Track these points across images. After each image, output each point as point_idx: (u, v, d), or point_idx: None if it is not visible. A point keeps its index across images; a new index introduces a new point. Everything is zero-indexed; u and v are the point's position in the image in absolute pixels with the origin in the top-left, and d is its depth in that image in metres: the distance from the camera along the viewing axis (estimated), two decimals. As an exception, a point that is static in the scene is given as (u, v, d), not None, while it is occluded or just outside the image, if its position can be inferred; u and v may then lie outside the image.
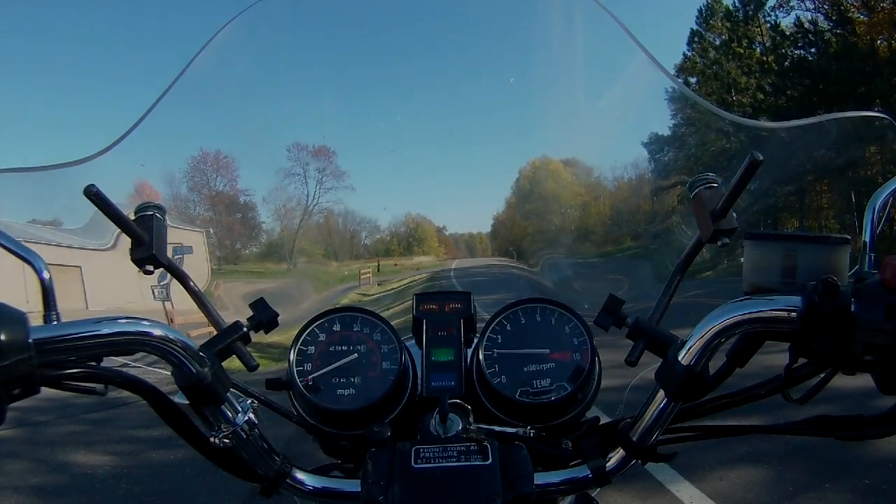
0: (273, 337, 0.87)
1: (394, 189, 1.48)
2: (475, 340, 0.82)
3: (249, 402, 0.70)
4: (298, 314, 0.88)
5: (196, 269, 0.80)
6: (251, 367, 0.73)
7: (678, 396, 0.62)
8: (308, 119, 1.32)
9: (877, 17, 22.80)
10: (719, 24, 27.87)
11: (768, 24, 27.05)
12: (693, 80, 27.67)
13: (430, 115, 1.44)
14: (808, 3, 25.27)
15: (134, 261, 0.70)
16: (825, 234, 0.60)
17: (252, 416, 0.69)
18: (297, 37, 1.20)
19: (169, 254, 0.73)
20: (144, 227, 0.70)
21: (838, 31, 24.64)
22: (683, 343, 0.60)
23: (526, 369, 0.77)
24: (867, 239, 0.64)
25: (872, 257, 0.63)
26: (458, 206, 1.64)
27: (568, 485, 0.70)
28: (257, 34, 1.07)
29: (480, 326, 0.83)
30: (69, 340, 0.53)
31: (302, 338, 0.81)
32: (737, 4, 27.60)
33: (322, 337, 0.82)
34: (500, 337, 0.80)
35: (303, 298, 1.36)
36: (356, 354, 0.80)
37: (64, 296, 0.71)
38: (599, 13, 0.97)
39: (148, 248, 0.69)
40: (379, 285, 1.86)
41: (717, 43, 28.10)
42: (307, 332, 0.82)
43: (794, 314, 0.54)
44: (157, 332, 0.57)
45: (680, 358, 0.60)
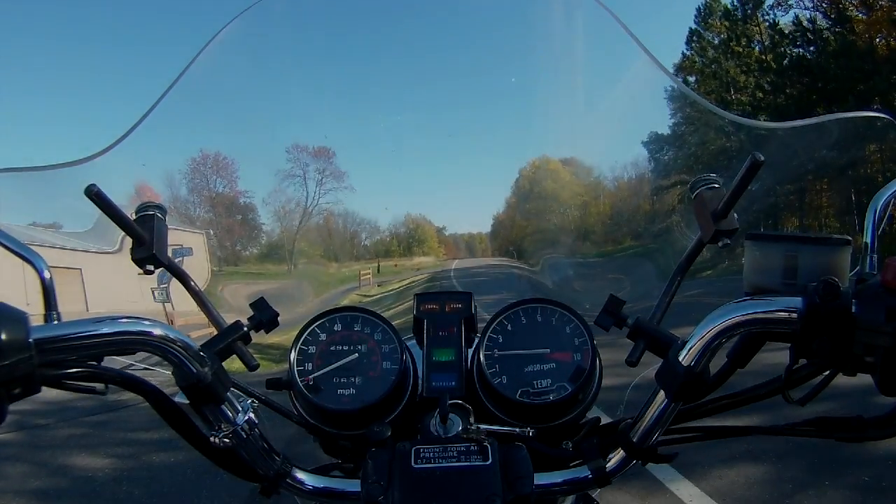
0: (273, 338, 0.87)
1: (394, 190, 1.48)
2: (476, 340, 0.82)
3: (250, 401, 0.71)
4: (298, 316, 0.88)
5: (196, 271, 0.80)
6: (251, 367, 0.73)
7: (678, 397, 0.62)
8: (308, 120, 1.32)
9: (875, 16, 22.82)
10: (718, 23, 27.88)
11: (767, 23, 27.08)
12: (692, 79, 27.68)
13: (430, 116, 1.44)
14: (806, 1, 25.32)
15: (135, 260, 0.70)
16: (826, 235, 0.60)
17: (252, 415, 0.69)
18: (296, 37, 1.20)
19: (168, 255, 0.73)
20: (145, 227, 0.70)
21: (837, 29, 24.65)
22: (684, 343, 0.60)
23: (527, 369, 0.77)
24: (868, 240, 0.64)
25: (874, 258, 0.63)
26: (458, 207, 1.63)
27: (568, 485, 0.70)
28: (256, 35, 1.07)
29: (481, 326, 0.83)
30: (69, 340, 0.53)
31: (303, 337, 0.81)
32: (735, 3, 27.64)
33: (323, 336, 0.82)
34: (500, 337, 0.80)
35: (303, 300, 1.35)
36: (357, 354, 0.80)
37: (64, 298, 0.71)
38: (600, 13, 0.97)
39: (149, 247, 0.69)
40: (379, 286, 1.86)
41: (716, 42, 28.11)
42: (308, 331, 0.82)
43: (795, 315, 0.54)
44: (158, 331, 0.57)
45: (680, 358, 0.60)
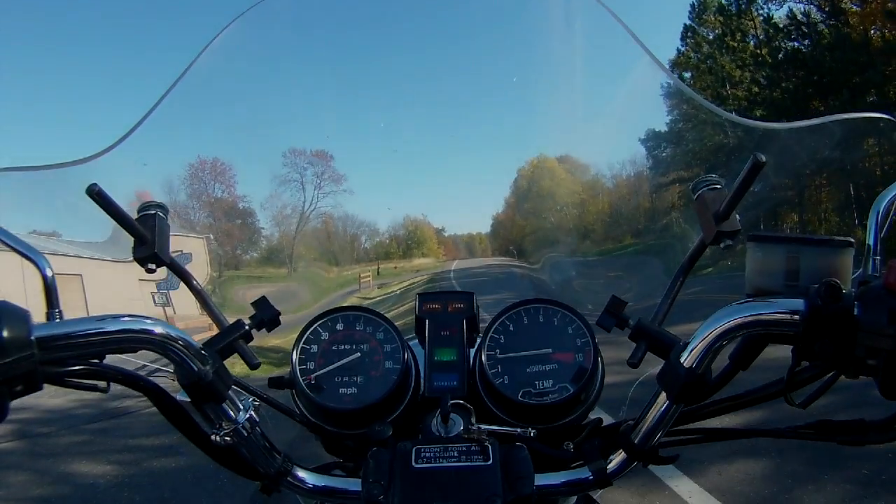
0: (274, 340, 0.86)
1: (392, 191, 1.48)
2: (478, 341, 0.82)
3: (251, 400, 0.71)
4: (298, 319, 0.88)
5: (197, 275, 0.80)
6: (253, 366, 0.73)
7: (680, 399, 0.62)
8: (307, 122, 1.32)
9: (869, 8, 22.84)
10: (712, 19, 27.90)
11: (761, 17, 27.09)
12: (687, 75, 27.70)
13: (429, 117, 1.44)
14: (800, -6, 25.33)
15: (136, 259, 0.70)
16: (829, 236, 0.60)
17: (253, 413, 0.69)
18: (294, 39, 1.19)
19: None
20: (147, 226, 0.70)
21: (831, 22, 24.67)
22: (686, 345, 0.60)
23: (528, 370, 0.77)
24: (871, 242, 0.63)
25: (877, 261, 0.62)
26: (457, 207, 1.64)
27: (569, 486, 0.70)
28: (255, 38, 1.07)
29: (483, 326, 0.83)
30: (71, 338, 0.53)
31: (305, 336, 0.81)
32: (729, -2, 27.67)
33: (325, 336, 0.82)
34: (502, 337, 0.80)
35: (303, 304, 1.35)
36: (359, 354, 0.80)
37: (64, 306, 0.71)
38: (599, 12, 0.97)
39: (150, 246, 0.69)
40: (379, 288, 1.86)
41: (711, 37, 28.13)
42: (310, 330, 0.82)
43: (797, 317, 0.54)
44: (159, 329, 0.58)
45: (682, 360, 0.60)
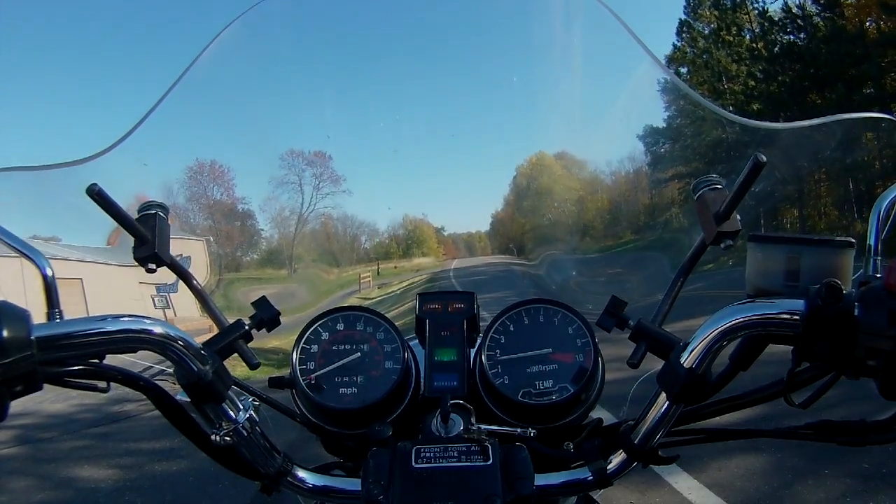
0: (274, 342, 0.86)
1: (392, 191, 1.48)
2: (478, 341, 0.82)
3: (251, 400, 0.71)
4: (298, 320, 0.87)
5: (197, 277, 0.80)
6: (253, 366, 0.73)
7: (680, 399, 0.62)
8: (306, 123, 1.32)
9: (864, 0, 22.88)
10: (707, 13, 27.90)
11: (756, 11, 27.11)
12: (683, 70, 27.71)
13: (428, 116, 1.44)
14: (795, -13, 25.34)
15: (137, 259, 0.70)
16: (829, 236, 0.59)
17: (253, 413, 0.69)
18: (292, 39, 1.19)
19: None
20: (147, 226, 0.70)
21: (826, 14, 24.70)
22: (686, 345, 0.60)
23: (529, 370, 0.77)
24: (872, 242, 0.63)
25: (877, 261, 0.62)
26: (457, 206, 1.64)
27: (569, 486, 0.70)
28: (254, 39, 1.07)
29: (483, 326, 0.83)
30: (71, 338, 0.53)
31: (305, 336, 0.81)
32: (724, -8, 27.65)
33: (325, 336, 0.82)
34: (502, 337, 0.80)
35: (303, 305, 1.35)
36: (359, 353, 0.80)
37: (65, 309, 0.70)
38: (597, 10, 0.97)
39: (151, 246, 0.69)
40: (379, 288, 1.86)
41: (706, 32, 28.14)
42: (310, 330, 0.82)
43: (798, 318, 0.54)
44: (159, 329, 0.58)
45: (682, 360, 0.60)
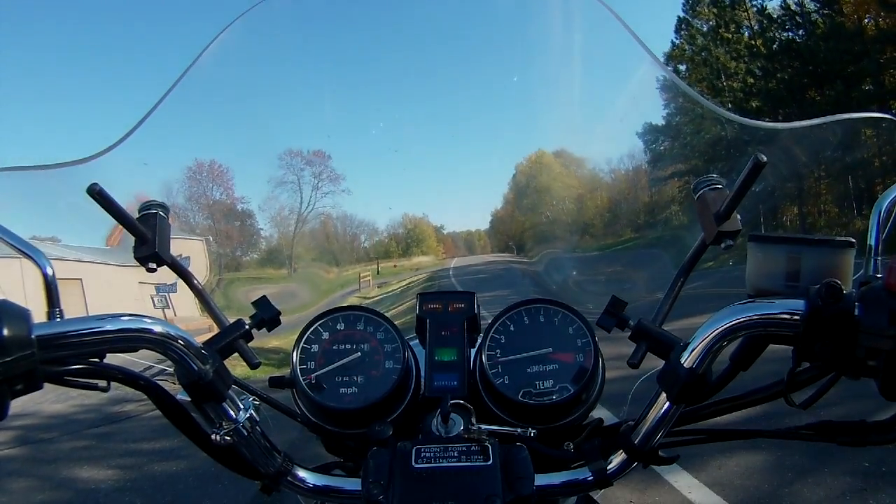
0: (274, 341, 0.86)
1: (391, 190, 1.48)
2: (478, 340, 0.82)
3: (251, 399, 0.71)
4: (298, 319, 0.88)
5: (197, 277, 0.80)
6: (253, 365, 0.73)
7: (680, 399, 0.62)
8: (305, 122, 1.32)
9: (862, -4, 22.86)
10: (706, 11, 27.90)
11: (755, 8, 27.11)
12: (682, 67, 27.72)
13: (427, 115, 1.44)
14: (793, -16, 25.33)
15: (137, 259, 0.70)
16: (829, 236, 0.60)
17: (254, 413, 0.69)
18: (292, 39, 1.19)
19: None
20: (147, 226, 0.70)
21: (825, 11, 24.71)
22: (686, 346, 0.60)
23: (529, 370, 0.76)
24: (872, 242, 0.63)
25: (878, 261, 0.62)
26: (457, 205, 1.63)
27: (569, 487, 0.70)
28: (254, 39, 1.06)
29: (484, 325, 0.83)
30: (71, 337, 0.53)
31: (305, 336, 0.81)
32: (723, -11, 27.62)
33: (325, 335, 0.82)
34: (503, 337, 0.80)
35: (303, 304, 1.35)
36: (359, 353, 0.80)
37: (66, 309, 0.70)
38: (596, 8, 0.97)
39: (151, 245, 0.69)
40: (379, 287, 1.86)
41: (705, 29, 28.15)
42: (311, 330, 0.82)
43: (798, 318, 0.54)
44: (159, 328, 0.58)
45: (682, 361, 0.60)
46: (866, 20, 23.31)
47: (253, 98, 1.21)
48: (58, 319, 0.65)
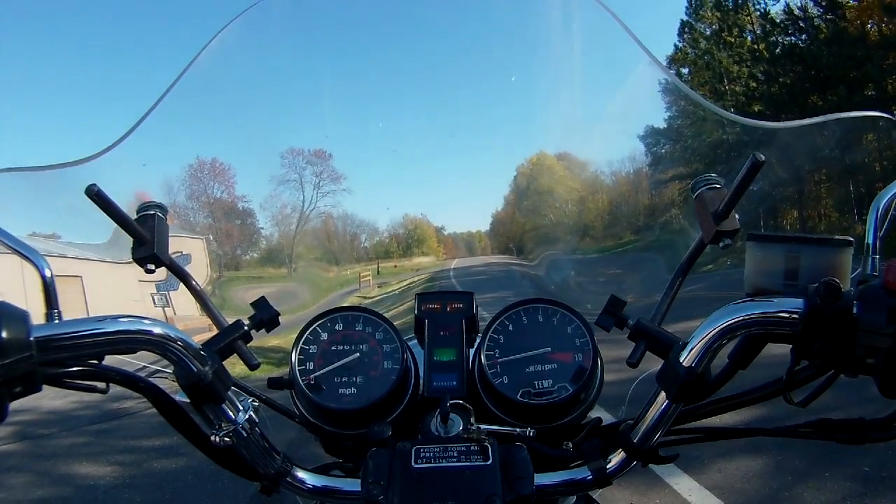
0: (274, 341, 0.86)
1: (392, 190, 1.48)
2: (477, 340, 0.82)
3: (250, 400, 0.71)
4: (298, 319, 0.88)
5: (196, 276, 0.80)
6: (252, 366, 0.73)
7: (679, 398, 0.62)
8: (306, 122, 1.32)
9: (866, 2, 22.86)
10: (709, 14, 27.92)
11: (758, 12, 27.13)
12: (685, 70, 27.73)
13: (428, 115, 1.44)
14: (797, -11, 25.33)
15: (136, 260, 0.70)
16: (828, 235, 0.60)
17: (253, 414, 0.69)
18: (293, 39, 1.19)
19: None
20: (146, 227, 0.70)
21: (828, 16, 24.71)
22: (685, 345, 0.60)
23: (528, 370, 0.77)
24: (870, 241, 0.63)
25: (876, 260, 0.62)
26: (457, 206, 1.63)
27: (568, 486, 0.70)
28: (254, 38, 1.07)
29: (482, 326, 0.83)
30: (70, 339, 0.53)
31: (304, 336, 0.81)
32: (726, -7, 27.64)
33: (324, 336, 0.82)
34: (502, 337, 0.80)
35: (302, 304, 1.35)
36: (358, 354, 0.80)
37: (64, 307, 0.71)
38: (597, 10, 0.97)
39: (149, 246, 0.69)
40: (379, 287, 1.86)
41: (708, 33, 28.17)
42: (309, 330, 0.82)
43: (796, 316, 0.54)
44: (158, 330, 0.58)
45: (681, 360, 0.60)
46: (869, 25, 23.31)
47: (255, 96, 1.21)
48: (56, 321, 0.65)
